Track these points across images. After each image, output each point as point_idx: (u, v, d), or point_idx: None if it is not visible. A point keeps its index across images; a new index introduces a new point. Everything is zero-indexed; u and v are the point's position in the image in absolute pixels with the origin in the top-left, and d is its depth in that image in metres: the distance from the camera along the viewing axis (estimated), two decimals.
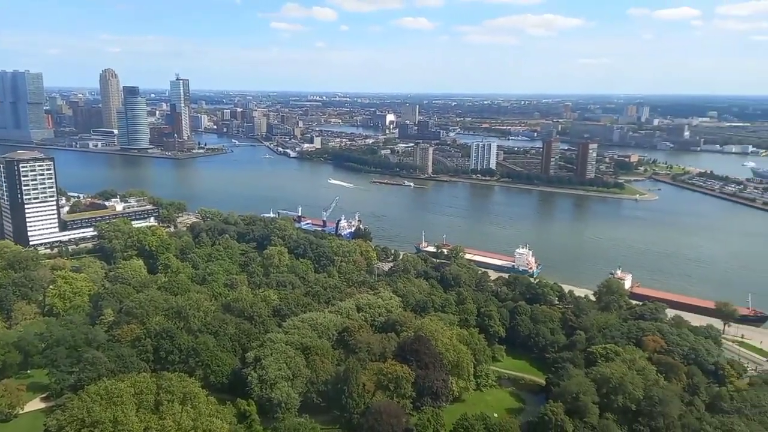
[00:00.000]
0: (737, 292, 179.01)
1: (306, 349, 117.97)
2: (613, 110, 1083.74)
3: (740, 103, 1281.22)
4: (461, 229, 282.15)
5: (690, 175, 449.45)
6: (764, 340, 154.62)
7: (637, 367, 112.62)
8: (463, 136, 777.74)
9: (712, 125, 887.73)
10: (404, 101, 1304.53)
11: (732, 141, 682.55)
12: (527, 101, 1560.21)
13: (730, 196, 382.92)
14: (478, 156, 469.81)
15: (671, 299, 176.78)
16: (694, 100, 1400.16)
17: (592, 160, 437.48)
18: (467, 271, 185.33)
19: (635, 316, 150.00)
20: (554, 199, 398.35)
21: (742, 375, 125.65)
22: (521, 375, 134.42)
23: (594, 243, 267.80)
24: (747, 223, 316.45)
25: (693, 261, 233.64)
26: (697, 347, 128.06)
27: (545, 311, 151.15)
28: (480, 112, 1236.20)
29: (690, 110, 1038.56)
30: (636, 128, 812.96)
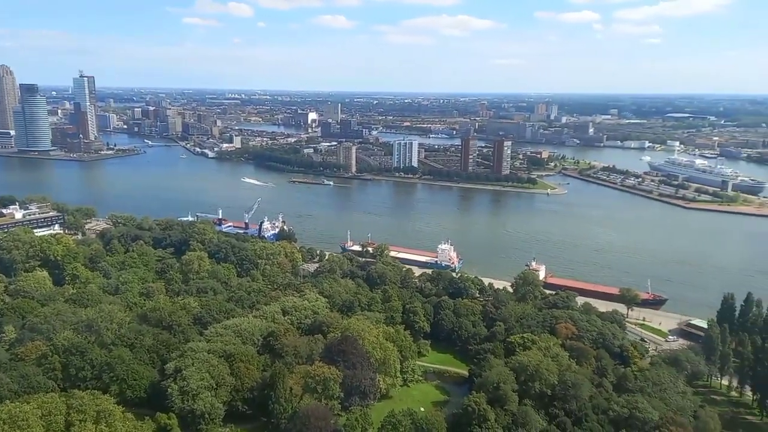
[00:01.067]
0: (638, 278, 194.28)
1: (230, 357, 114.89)
2: (525, 108, 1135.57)
3: (638, 101, 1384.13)
4: (386, 227, 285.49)
5: (595, 170, 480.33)
6: (663, 322, 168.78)
7: (552, 354, 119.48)
8: (385, 135, 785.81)
9: (613, 122, 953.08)
10: (326, 100, 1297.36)
11: (631, 137, 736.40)
12: (446, 100, 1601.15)
13: (630, 188, 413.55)
14: (400, 154, 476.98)
15: (581, 287, 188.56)
16: (597, 98, 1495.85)
17: (507, 157, 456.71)
18: (392, 269, 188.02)
19: (549, 305, 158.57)
20: (473, 195, 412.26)
21: (644, 355, 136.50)
22: (446, 368, 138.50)
23: (511, 236, 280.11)
24: (645, 213, 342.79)
25: (599, 250, 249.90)
26: (604, 332, 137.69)
27: (467, 305, 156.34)
28: (401, 111, 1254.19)
29: (594, 108, 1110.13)
30: (546, 126, 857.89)
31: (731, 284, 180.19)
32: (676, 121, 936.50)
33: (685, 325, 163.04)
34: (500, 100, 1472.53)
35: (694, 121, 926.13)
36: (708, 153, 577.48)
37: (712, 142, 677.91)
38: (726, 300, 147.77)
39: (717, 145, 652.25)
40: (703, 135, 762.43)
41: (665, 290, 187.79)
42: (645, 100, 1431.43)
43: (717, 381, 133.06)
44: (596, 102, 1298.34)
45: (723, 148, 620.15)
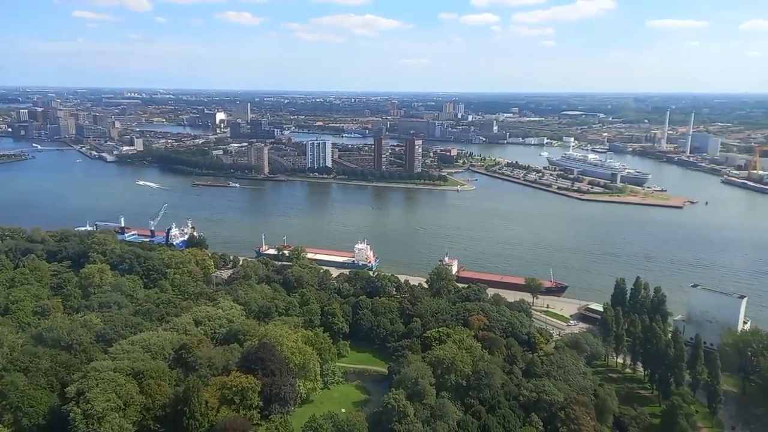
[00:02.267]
0: (541, 267, 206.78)
1: (138, 374, 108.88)
2: (434, 107, 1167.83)
3: (536, 100, 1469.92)
4: (302, 229, 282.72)
5: (500, 166, 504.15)
6: (564, 308, 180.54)
7: (466, 346, 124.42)
8: (298, 135, 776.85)
9: (515, 120, 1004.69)
10: (235, 99, 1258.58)
11: (531, 134, 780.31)
12: (358, 99, 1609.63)
13: (532, 182, 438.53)
14: (313, 154, 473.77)
15: (491, 279, 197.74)
16: (500, 97, 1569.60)
17: (418, 155, 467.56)
18: (310, 271, 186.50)
19: (462, 299, 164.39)
20: (388, 194, 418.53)
21: (549, 340, 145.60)
22: (366, 367, 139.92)
23: (425, 233, 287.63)
24: (545, 205, 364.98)
25: (505, 243, 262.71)
26: (513, 321, 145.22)
27: (384, 303, 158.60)
28: (313, 110, 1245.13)
29: (497, 107, 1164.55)
30: (454, 124, 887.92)
31: (623, 269, 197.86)
32: (570, 119, 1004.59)
33: (584, 309, 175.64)
34: (410, 99, 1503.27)
35: (586, 119, 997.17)
36: (599, 148, 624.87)
37: (602, 137, 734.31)
38: (618, 284, 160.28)
39: (606, 140, 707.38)
40: (594, 131, 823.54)
41: (566, 277, 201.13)
42: (542, 99, 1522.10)
43: (613, 360, 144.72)
44: (499, 101, 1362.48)
45: (611, 143, 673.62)
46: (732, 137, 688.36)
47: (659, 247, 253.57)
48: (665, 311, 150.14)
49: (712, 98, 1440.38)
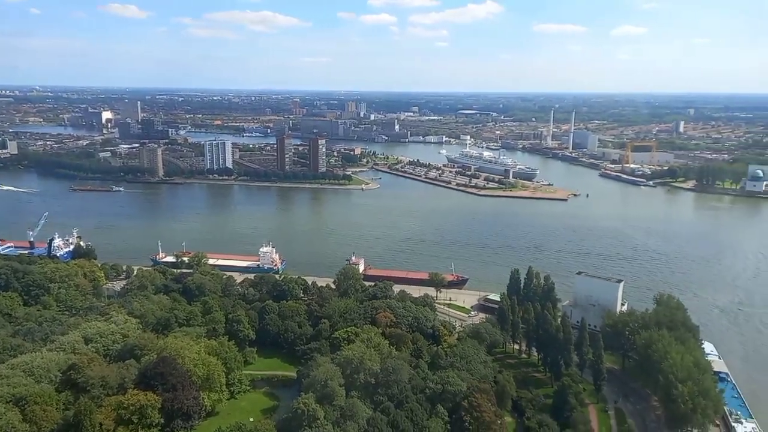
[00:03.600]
0: (444, 262, 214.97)
1: (21, 401, 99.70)
2: (337, 106, 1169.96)
3: (434, 99, 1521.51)
4: (202, 234, 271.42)
5: (402, 164, 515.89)
6: (466, 299, 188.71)
7: (374, 344, 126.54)
8: (194, 135, 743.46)
9: (415, 119, 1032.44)
10: (123, 97, 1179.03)
11: (431, 132, 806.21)
12: (258, 97, 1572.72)
13: (433, 180, 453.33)
14: (213, 155, 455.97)
15: (396, 276, 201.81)
16: (400, 96, 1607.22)
17: (322, 155, 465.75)
18: (212, 278, 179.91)
19: (370, 297, 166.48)
20: (292, 194, 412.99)
21: (452, 332, 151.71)
22: (274, 373, 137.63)
23: (331, 233, 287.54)
24: (446, 201, 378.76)
25: (409, 239, 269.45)
26: (418, 316, 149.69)
27: (292, 306, 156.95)
28: (211, 109, 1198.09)
29: (398, 106, 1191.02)
30: (357, 123, 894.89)
31: (517, 260, 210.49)
32: (466, 117, 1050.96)
33: (483, 300, 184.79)
34: (312, 97, 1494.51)
35: (480, 117, 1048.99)
36: (493, 145, 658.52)
37: (495, 135, 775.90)
38: (513, 275, 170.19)
39: (499, 138, 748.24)
40: (488, 129, 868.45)
41: (466, 270, 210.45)
42: (440, 98, 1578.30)
43: (511, 346, 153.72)
44: (400, 100, 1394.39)
45: (504, 141, 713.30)
46: (608, 134, 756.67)
47: (548, 237, 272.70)
48: (555, 298, 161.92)
49: (590, 98, 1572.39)
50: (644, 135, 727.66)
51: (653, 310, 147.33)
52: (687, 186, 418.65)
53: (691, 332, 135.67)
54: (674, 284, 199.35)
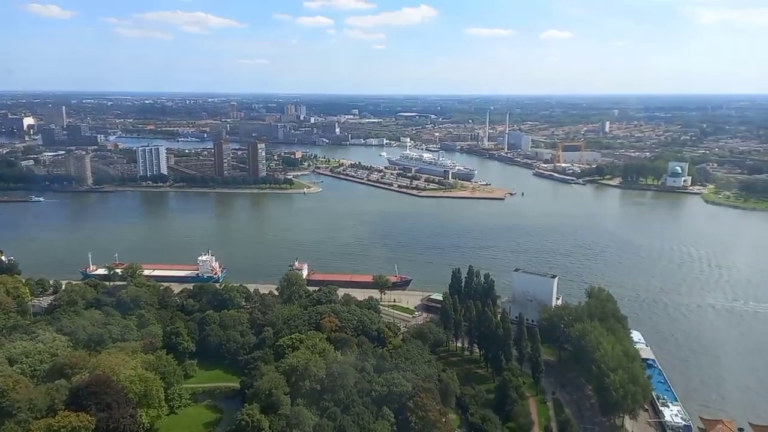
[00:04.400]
0: (387, 264, 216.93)
1: None
2: (276, 109, 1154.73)
3: (374, 102, 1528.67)
4: (137, 244, 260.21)
5: (344, 167, 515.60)
6: (410, 300, 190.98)
7: (319, 350, 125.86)
8: (126, 140, 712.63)
9: (356, 122, 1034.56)
10: (46, 101, 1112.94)
11: (371, 135, 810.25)
12: (193, 100, 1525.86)
13: (374, 182, 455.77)
14: (146, 161, 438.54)
15: (341, 279, 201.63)
16: (340, 99, 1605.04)
17: (262, 159, 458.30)
18: (148, 290, 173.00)
19: (314, 302, 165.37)
20: (232, 200, 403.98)
21: (397, 333, 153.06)
22: (217, 385, 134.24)
23: (273, 238, 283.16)
24: (388, 203, 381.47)
25: (353, 242, 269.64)
26: (363, 319, 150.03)
27: (233, 315, 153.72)
28: (143, 113, 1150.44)
29: (338, 108, 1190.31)
30: (297, 126, 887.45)
31: (458, 259, 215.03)
32: (406, 120, 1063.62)
33: (426, 300, 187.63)
34: (250, 100, 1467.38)
35: (420, 119, 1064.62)
36: (432, 147, 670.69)
37: (434, 137, 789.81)
38: (454, 274, 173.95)
39: (438, 139, 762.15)
40: (427, 131, 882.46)
41: (410, 271, 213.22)
42: (380, 101, 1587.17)
43: (454, 344, 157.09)
44: (340, 102, 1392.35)
45: (443, 143, 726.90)
46: (540, 134, 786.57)
47: (488, 236, 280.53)
48: (494, 295, 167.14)
49: (522, 100, 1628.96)
50: (573, 135, 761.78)
51: (585, 302, 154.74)
52: (613, 183, 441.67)
53: (620, 322, 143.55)
54: (605, 277, 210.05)
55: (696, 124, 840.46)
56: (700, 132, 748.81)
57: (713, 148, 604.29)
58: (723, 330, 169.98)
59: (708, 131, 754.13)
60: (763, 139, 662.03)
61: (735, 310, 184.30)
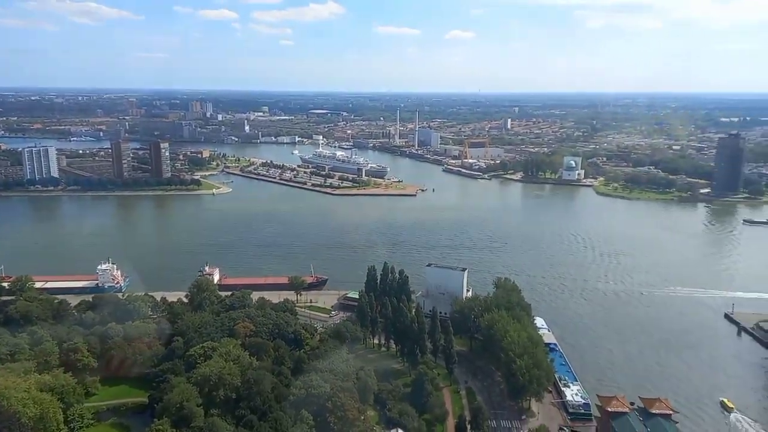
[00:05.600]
0: (303, 264, 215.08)
1: None
2: (179, 106, 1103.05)
3: (285, 98, 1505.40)
4: (25, 255, 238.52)
5: (255, 166, 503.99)
6: (326, 300, 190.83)
7: (233, 357, 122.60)
8: (9, 140, 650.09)
9: (266, 119, 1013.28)
10: None
11: (283, 133, 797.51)
12: (87, 96, 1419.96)
13: (288, 181, 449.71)
14: (33, 163, 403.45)
15: (255, 283, 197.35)
16: (249, 95, 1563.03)
17: (166, 159, 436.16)
18: (40, 304, 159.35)
19: (227, 308, 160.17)
20: (134, 203, 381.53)
21: (314, 334, 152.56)
22: (123, 401, 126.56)
23: (181, 243, 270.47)
24: (302, 203, 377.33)
25: (267, 244, 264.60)
26: (279, 322, 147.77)
27: (139, 327, 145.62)
28: (29, 110, 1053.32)
29: (247, 105, 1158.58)
30: (203, 124, 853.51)
31: (374, 257, 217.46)
32: (318, 117, 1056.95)
33: (343, 299, 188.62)
34: (151, 96, 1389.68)
35: (331, 117, 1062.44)
36: (345, 144, 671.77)
37: (347, 135, 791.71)
38: (370, 271, 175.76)
39: (351, 137, 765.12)
40: (339, 129, 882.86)
41: (326, 271, 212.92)
42: (291, 98, 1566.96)
43: (371, 341, 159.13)
44: (248, 99, 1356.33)
45: (355, 140, 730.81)
46: (448, 131, 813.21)
47: (401, 232, 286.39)
48: (409, 290, 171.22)
49: (431, 98, 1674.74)
50: (479, 132, 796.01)
51: (493, 293, 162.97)
52: (516, 177, 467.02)
53: (524, 310, 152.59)
54: (510, 267, 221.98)
55: (587, 121, 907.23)
56: (591, 128, 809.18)
57: (602, 143, 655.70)
58: (614, 312, 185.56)
59: (598, 127, 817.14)
60: (644, 135, 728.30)
61: (624, 294, 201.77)
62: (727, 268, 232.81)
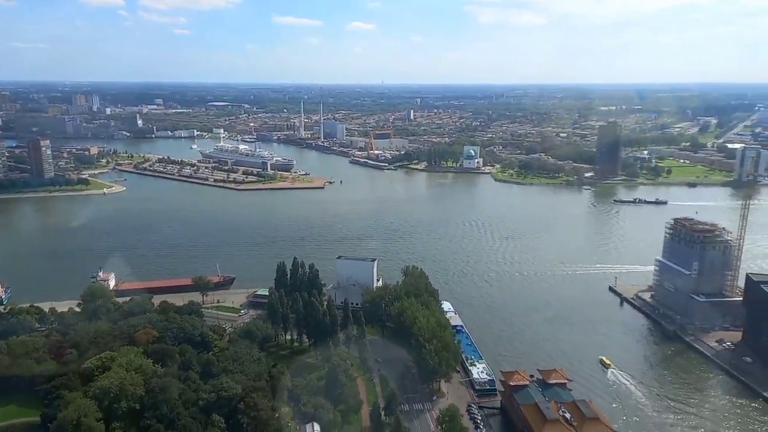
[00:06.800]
0: (208, 264, 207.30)
1: None
2: (62, 99, 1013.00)
3: (180, 90, 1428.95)
4: None
5: (151, 163, 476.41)
6: (235, 299, 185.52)
7: (135, 366, 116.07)
8: None
9: (160, 112, 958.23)
10: None
11: (180, 126, 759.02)
12: None
13: (188, 177, 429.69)
14: None
15: (156, 286, 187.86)
16: (140, 87, 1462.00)
17: (48, 158, 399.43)
18: None
19: (125, 315, 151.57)
20: (13, 207, 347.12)
21: (223, 335, 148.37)
22: (11, 422, 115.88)
23: (70, 248, 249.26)
24: (205, 199, 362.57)
25: (167, 244, 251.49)
26: (184, 326, 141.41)
27: (25, 341, 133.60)
28: None
29: (139, 98, 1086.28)
30: (90, 118, 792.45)
31: (283, 253, 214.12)
32: (217, 110, 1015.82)
33: (252, 297, 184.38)
34: (27, 89, 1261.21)
35: (232, 109, 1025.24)
36: (248, 138, 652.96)
37: (249, 127, 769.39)
38: (279, 267, 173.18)
39: (254, 130, 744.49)
40: (241, 122, 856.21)
41: (233, 269, 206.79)
42: (187, 89, 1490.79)
43: (283, 338, 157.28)
44: (140, 91, 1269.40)
45: (259, 133, 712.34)
46: (353, 123, 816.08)
47: (310, 226, 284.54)
48: (320, 284, 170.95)
49: (334, 89, 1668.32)
50: (383, 123, 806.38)
51: (402, 281, 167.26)
52: (420, 167, 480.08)
53: (432, 296, 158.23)
54: (418, 255, 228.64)
55: (484, 111, 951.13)
56: (488, 118, 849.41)
57: (498, 132, 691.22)
58: (514, 292, 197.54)
59: (493, 117, 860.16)
60: (535, 123, 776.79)
61: (521, 274, 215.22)
62: (609, 245, 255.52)
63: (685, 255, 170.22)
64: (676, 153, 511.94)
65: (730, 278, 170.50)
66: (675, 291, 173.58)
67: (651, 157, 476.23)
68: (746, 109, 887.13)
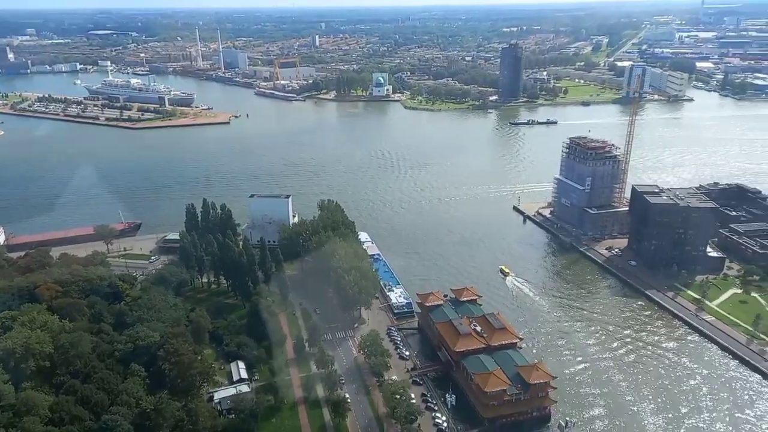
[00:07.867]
0: (109, 210, 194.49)
1: None
2: None
3: (55, 18, 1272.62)
4: None
5: (30, 102, 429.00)
6: (143, 246, 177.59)
7: (40, 323, 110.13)
8: None
9: (34, 44, 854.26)
10: None
11: (60, 60, 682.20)
12: None
13: (75, 117, 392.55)
14: None
15: (54, 238, 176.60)
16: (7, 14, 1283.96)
17: None
18: None
19: (22, 271, 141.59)
20: None
21: (134, 284, 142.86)
22: None
23: None
24: (97, 141, 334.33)
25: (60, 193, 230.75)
26: (89, 277, 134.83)
27: None
28: None
29: (6, 28, 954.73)
30: None
31: (191, 194, 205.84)
32: (101, 39, 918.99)
33: (162, 242, 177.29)
34: None
35: (118, 38, 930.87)
36: (140, 70, 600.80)
37: (140, 59, 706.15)
38: (189, 210, 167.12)
39: (146, 61, 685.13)
40: (130, 52, 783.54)
41: (138, 215, 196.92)
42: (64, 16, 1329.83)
43: (199, 281, 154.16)
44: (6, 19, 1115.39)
45: (152, 65, 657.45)
46: (255, 51, 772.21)
47: (218, 164, 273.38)
48: (233, 224, 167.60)
49: (232, 13, 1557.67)
50: (288, 51, 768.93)
51: (318, 216, 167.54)
52: (329, 97, 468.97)
53: (349, 228, 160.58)
54: (332, 189, 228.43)
55: (391, 36, 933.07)
56: (395, 43, 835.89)
57: (406, 57, 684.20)
58: (426, 218, 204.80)
59: (400, 42, 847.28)
60: (441, 47, 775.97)
61: (433, 200, 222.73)
62: (512, 167, 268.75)
63: (580, 172, 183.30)
64: (572, 73, 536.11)
65: (618, 190, 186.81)
66: (571, 206, 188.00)
67: (549, 77, 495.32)
68: (634, 27, 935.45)
